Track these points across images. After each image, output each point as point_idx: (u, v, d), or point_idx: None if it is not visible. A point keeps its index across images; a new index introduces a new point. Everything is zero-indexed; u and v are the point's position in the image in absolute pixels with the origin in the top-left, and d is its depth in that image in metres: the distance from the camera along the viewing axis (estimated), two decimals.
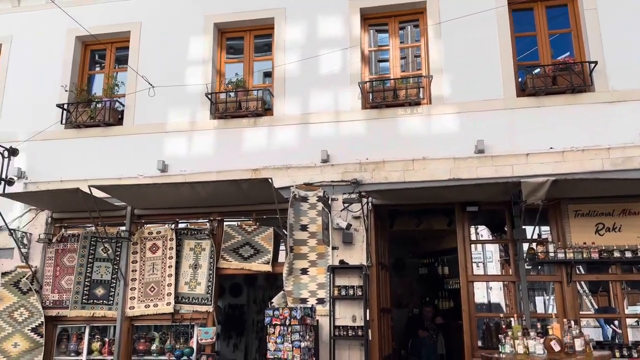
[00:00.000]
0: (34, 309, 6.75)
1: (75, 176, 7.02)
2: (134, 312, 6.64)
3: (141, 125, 7.20)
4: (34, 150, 7.26)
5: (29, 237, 7.02)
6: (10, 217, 6.93)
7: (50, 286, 6.90)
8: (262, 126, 6.97)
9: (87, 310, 6.75)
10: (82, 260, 6.91)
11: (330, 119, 6.79)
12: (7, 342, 6.67)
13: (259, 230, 6.73)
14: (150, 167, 6.96)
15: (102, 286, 6.84)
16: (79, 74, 7.65)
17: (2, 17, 7.94)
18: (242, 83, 7.16)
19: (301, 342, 5.41)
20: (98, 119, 7.19)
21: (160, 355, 6.58)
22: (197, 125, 7.10)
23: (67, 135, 7.30)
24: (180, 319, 6.58)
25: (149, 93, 7.00)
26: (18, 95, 7.59)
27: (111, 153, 7.15)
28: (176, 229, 6.87)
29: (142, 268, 6.80)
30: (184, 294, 6.65)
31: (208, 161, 6.91)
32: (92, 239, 6.97)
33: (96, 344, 6.78)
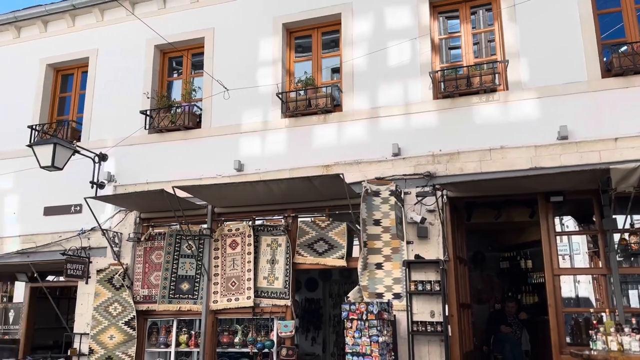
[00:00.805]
0: (127, 303, 7.24)
1: (159, 178, 7.44)
2: (217, 305, 6.94)
3: (218, 128, 7.49)
4: (122, 155, 7.77)
5: (119, 236, 7.53)
6: (102, 218, 7.46)
7: (140, 282, 7.37)
8: (332, 122, 7.01)
9: (174, 304, 7.15)
10: (169, 257, 7.32)
11: (401, 111, 6.69)
12: (103, 334, 7.21)
13: (332, 226, 6.78)
14: (228, 167, 7.22)
15: (187, 281, 7.21)
16: (159, 81, 8.09)
17: (88, 32, 8.55)
18: (311, 81, 7.24)
19: (379, 336, 5.40)
20: (178, 123, 7.56)
21: (243, 347, 6.83)
22: (269, 125, 7.27)
23: (151, 139, 7.74)
24: (261, 313, 6.79)
25: (223, 96, 7.27)
26: (105, 104, 8.15)
27: (191, 155, 7.50)
28: (253, 226, 7.09)
29: (223, 263, 7.09)
30: (263, 288, 6.85)
31: (281, 159, 7.06)
32: (177, 237, 7.36)
33: (183, 336, 7.15)
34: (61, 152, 6.91)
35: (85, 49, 8.45)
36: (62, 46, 8.60)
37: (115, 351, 7.05)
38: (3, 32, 9.02)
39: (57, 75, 8.77)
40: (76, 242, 7.63)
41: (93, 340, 7.16)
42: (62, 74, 8.80)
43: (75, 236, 7.65)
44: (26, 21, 8.78)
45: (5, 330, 8.18)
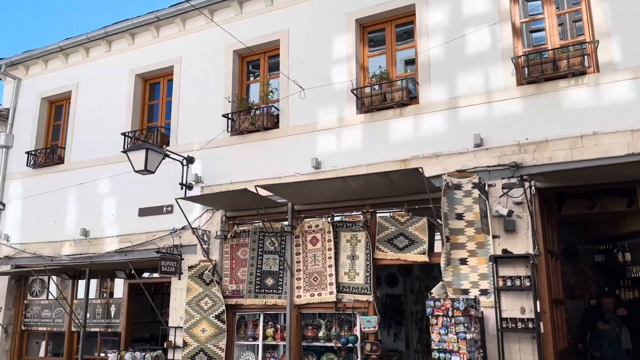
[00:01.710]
0: (216, 298, 7.59)
1: (242, 178, 7.72)
2: (301, 300, 7.10)
3: (295, 127, 7.64)
4: (207, 157, 8.15)
5: (208, 234, 7.91)
6: (191, 217, 7.85)
7: (228, 277, 7.71)
8: (408, 115, 6.91)
9: (259, 299, 7.40)
10: (253, 254, 7.58)
11: (482, 100, 6.46)
12: (196, 328, 7.61)
13: (412, 221, 6.69)
14: (305, 165, 7.35)
15: (271, 276, 7.44)
16: (238, 85, 8.38)
17: (171, 42, 9.03)
18: (386, 74, 7.18)
19: (466, 333, 5.26)
20: (257, 125, 7.80)
21: (327, 341, 6.94)
22: (345, 122, 7.30)
23: (233, 141, 8.05)
24: (343, 308, 6.85)
25: (300, 95, 7.40)
26: (190, 109, 8.58)
27: (271, 154, 7.71)
28: (333, 222, 7.17)
29: (305, 259, 7.23)
30: (344, 283, 6.91)
31: (357, 155, 7.07)
32: (260, 234, 7.61)
33: (270, 330, 7.39)
34: (153, 156, 7.37)
35: (170, 58, 8.94)
36: (149, 56, 9.16)
37: (207, 344, 7.43)
38: (95, 46, 9.76)
39: (145, 85, 9.35)
40: (168, 240, 8.12)
41: (186, 333, 7.59)
42: (150, 83, 9.37)
43: (168, 235, 8.14)
44: (115, 35, 9.44)
45: (108, 324, 8.86)
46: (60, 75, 10.08)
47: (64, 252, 9.07)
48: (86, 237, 8.90)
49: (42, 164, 9.77)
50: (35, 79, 10.41)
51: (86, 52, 9.82)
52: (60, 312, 9.23)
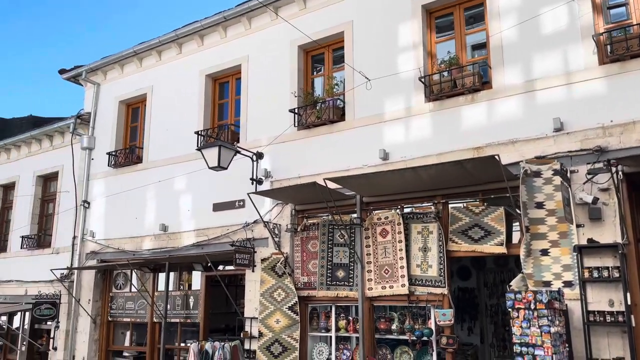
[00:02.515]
0: (289, 290, 7.72)
1: (310, 172, 7.79)
2: (372, 293, 7.06)
3: (361, 119, 7.59)
4: (275, 152, 8.29)
5: (279, 227, 8.05)
6: (262, 211, 8.01)
7: (299, 270, 7.81)
8: (481, 101, 6.66)
9: (331, 291, 7.45)
10: (323, 246, 7.64)
11: (561, 82, 6.11)
12: (270, 318, 7.78)
13: (488, 211, 6.46)
14: (373, 157, 7.28)
15: (342, 269, 7.46)
16: (304, 80, 8.44)
17: (238, 41, 9.25)
18: (456, 60, 6.96)
19: (550, 327, 5.01)
20: (324, 118, 7.83)
21: (400, 334, 6.87)
22: (412, 111, 7.16)
23: (300, 135, 8.13)
24: (416, 301, 6.75)
25: (366, 86, 7.34)
26: (258, 106, 8.76)
27: (338, 147, 7.71)
28: (402, 214, 7.07)
29: (375, 252, 7.18)
30: (416, 276, 6.80)
31: (427, 145, 6.91)
32: (330, 227, 7.65)
33: (342, 322, 7.42)
34: (225, 153, 7.60)
35: (237, 57, 9.16)
36: (217, 57, 9.43)
37: (282, 334, 7.58)
38: (167, 49, 10.18)
39: (214, 84, 9.64)
40: (241, 234, 8.35)
41: (261, 323, 7.78)
42: (219, 83, 9.65)
43: (241, 229, 8.37)
44: (186, 37, 9.79)
45: (187, 315, 9.27)
46: (135, 79, 10.62)
47: (144, 247, 9.57)
48: (165, 232, 9.34)
49: (122, 164, 10.35)
50: (112, 83, 11.03)
51: (159, 55, 10.27)
52: (142, 304, 9.76)
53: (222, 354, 6.90)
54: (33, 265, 11.23)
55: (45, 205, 12.11)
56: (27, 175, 12.23)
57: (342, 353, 7.38)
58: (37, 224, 11.94)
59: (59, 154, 11.53)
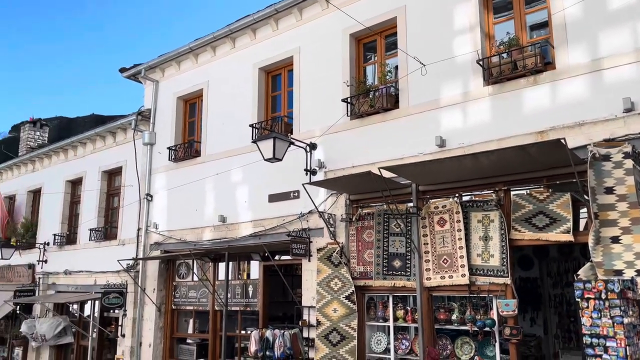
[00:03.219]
0: (345, 279, 7.73)
1: (363, 161, 7.74)
2: (431, 283, 6.96)
3: (416, 105, 7.45)
4: (329, 142, 8.29)
5: (333, 217, 8.07)
6: (317, 201, 8.06)
7: (355, 259, 7.81)
8: (544, 83, 6.36)
9: (388, 280, 7.39)
10: (379, 236, 7.59)
11: (631, 59, 5.73)
12: (328, 307, 7.83)
13: (553, 197, 6.19)
14: (429, 144, 7.14)
15: (398, 258, 7.39)
16: (356, 68, 8.37)
17: (290, 33, 9.29)
18: (515, 41, 6.68)
19: (623, 317, 4.76)
20: (377, 106, 7.74)
21: (461, 325, 6.73)
22: (470, 95, 6.94)
23: (353, 125, 8.08)
24: (477, 291, 6.58)
25: (420, 72, 7.18)
26: (310, 97, 8.78)
27: (392, 136, 7.61)
28: (461, 202, 6.90)
29: (432, 241, 7.06)
30: (477, 265, 6.63)
31: (486, 130, 6.69)
32: (385, 216, 7.58)
33: (400, 312, 7.36)
34: (279, 144, 7.69)
35: (289, 49, 9.20)
36: (270, 49, 9.52)
37: (340, 323, 7.62)
38: (221, 44, 10.38)
39: (267, 77, 9.75)
40: (297, 224, 8.43)
41: (319, 312, 7.85)
42: (272, 75, 9.75)
43: (296, 219, 8.46)
44: (238, 32, 9.94)
45: (247, 303, 9.49)
46: (191, 75, 10.91)
47: (205, 238, 9.87)
48: (224, 223, 9.59)
49: (181, 158, 10.69)
50: (170, 80, 11.39)
51: (213, 50, 10.49)
52: (204, 293, 10.09)
53: (283, 341, 7.03)
54: (101, 256, 11.86)
55: (111, 199, 12.73)
56: (93, 171, 12.88)
57: (401, 343, 7.33)
58: (103, 217, 12.58)
59: (122, 150, 12.07)
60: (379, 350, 7.51)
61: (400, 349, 7.30)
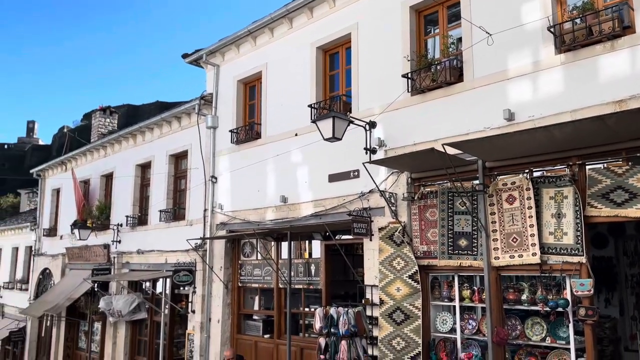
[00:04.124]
0: (408, 258, 7.64)
1: (425, 138, 7.55)
2: (499, 262, 6.73)
3: (481, 78, 7.14)
4: (388, 120, 8.14)
5: (395, 196, 7.96)
6: (377, 180, 7.96)
7: (418, 239, 7.69)
8: (622, 49, 5.90)
9: (453, 260, 7.23)
10: (443, 215, 7.41)
11: None
12: (390, 287, 7.78)
13: (633, 171, 5.78)
14: (496, 118, 6.84)
15: (464, 237, 7.20)
16: (416, 42, 8.11)
17: (347, 9, 9.11)
18: (590, 4, 6.21)
19: None
20: (439, 81, 7.49)
21: (531, 305, 6.49)
22: (541, 65, 6.56)
23: (414, 101, 7.88)
24: (549, 270, 6.31)
25: (487, 42, 6.84)
26: (369, 74, 8.63)
27: (455, 111, 7.36)
28: (532, 178, 6.59)
29: (501, 219, 6.81)
30: (549, 244, 6.34)
31: (559, 101, 6.32)
32: (449, 194, 7.39)
33: (466, 291, 7.20)
34: (339, 124, 7.63)
35: (346, 26, 9.06)
36: (327, 28, 9.42)
37: (403, 302, 7.56)
38: (278, 25, 10.38)
39: (325, 56, 9.67)
40: (358, 203, 8.40)
41: (382, 291, 7.83)
42: (330, 54, 9.66)
43: (357, 199, 8.42)
44: (296, 11, 9.89)
45: (309, 281, 9.63)
46: (251, 58, 11.02)
47: (267, 218, 10.06)
48: (285, 203, 9.73)
49: (243, 140, 10.90)
50: (230, 64, 11.57)
51: (271, 32, 10.53)
52: (268, 271, 10.33)
53: (347, 319, 7.08)
54: (170, 236, 12.40)
55: (178, 182, 13.23)
56: (161, 155, 13.42)
57: (467, 323, 7.19)
58: (171, 198, 13.12)
59: (187, 134, 12.47)
60: (444, 330, 7.40)
61: (467, 329, 7.16)
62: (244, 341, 10.60)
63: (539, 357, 6.46)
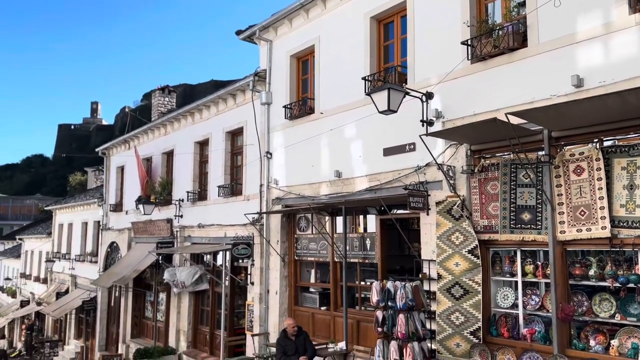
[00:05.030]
0: (467, 233, 7.46)
1: (486, 108, 7.25)
2: (565, 236, 6.45)
3: (547, 42, 6.74)
4: (446, 90, 7.87)
5: (453, 169, 7.75)
6: (435, 153, 7.77)
7: (478, 212, 7.48)
8: None
9: (516, 234, 6.99)
10: (505, 187, 7.15)
11: None
12: (449, 261, 7.64)
13: None
14: (563, 85, 6.46)
15: (527, 211, 6.93)
16: (476, 7, 7.73)
17: None
18: None
19: None
20: (502, 47, 7.12)
21: (599, 280, 6.20)
22: (613, 26, 6.10)
23: (474, 69, 7.56)
24: (620, 244, 5.98)
25: (554, 4, 6.42)
26: (425, 42, 8.34)
27: (518, 78, 7.01)
28: (602, 148, 6.21)
29: (567, 192, 6.50)
30: (620, 217, 6.00)
31: (634, 65, 5.86)
32: (512, 166, 7.10)
33: (529, 266, 6.97)
34: (394, 95, 7.46)
35: None
36: None
37: (462, 277, 7.43)
38: None
39: (379, 26, 9.43)
40: (413, 177, 8.26)
41: (440, 266, 7.72)
42: (384, 24, 9.40)
43: (413, 172, 8.28)
44: None
45: (365, 255, 9.65)
46: (303, 32, 10.93)
47: (322, 192, 10.10)
48: (339, 177, 9.71)
49: (296, 116, 10.92)
50: (283, 39, 11.54)
51: (323, 4, 10.36)
52: (324, 245, 10.43)
53: (404, 292, 7.05)
54: (229, 210, 12.74)
55: (234, 158, 13.51)
56: (218, 132, 13.71)
57: (530, 298, 6.97)
58: (229, 174, 13.43)
59: (242, 111, 12.64)
60: (505, 305, 7.23)
61: (530, 304, 6.95)
62: (301, 312, 10.83)
63: (607, 334, 6.19)
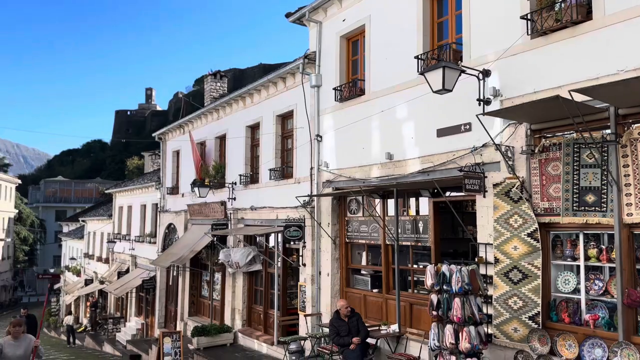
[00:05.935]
0: (527, 215, 7.20)
1: (547, 85, 6.93)
2: (633, 219, 6.12)
3: (614, 15, 6.32)
4: (504, 67, 7.56)
5: (511, 150, 7.47)
6: (492, 133, 7.52)
7: (538, 195, 7.20)
8: None
9: (579, 217, 6.69)
10: (568, 168, 6.84)
11: None
12: (506, 245, 7.43)
13: None
14: (632, 59, 6.07)
15: (592, 193, 6.60)
16: None
17: None
18: None
19: None
20: (564, 20, 6.75)
21: None
22: None
23: (534, 45, 7.22)
24: None
25: None
26: (482, 17, 8.01)
27: (582, 53, 6.63)
28: None
29: (635, 172, 6.14)
30: None
31: None
32: (575, 146, 6.78)
33: (592, 250, 6.67)
34: (449, 74, 7.24)
35: None
36: None
37: (521, 261, 7.21)
38: None
39: (432, 2, 9.14)
40: (469, 159, 8.03)
41: (497, 250, 7.51)
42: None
43: (468, 153, 8.05)
44: None
45: (417, 239, 9.52)
46: (353, 12, 10.77)
47: (372, 175, 10.03)
48: (391, 160, 9.60)
49: (346, 98, 10.83)
50: (333, 20, 11.41)
51: None
52: (375, 228, 10.39)
53: (460, 276, 6.92)
54: (280, 193, 12.91)
55: (285, 141, 13.61)
56: (268, 115, 13.84)
57: (593, 283, 6.69)
58: (279, 157, 13.57)
59: (292, 94, 12.67)
60: (566, 290, 6.97)
61: (592, 289, 6.67)
62: (352, 294, 10.89)
63: None
